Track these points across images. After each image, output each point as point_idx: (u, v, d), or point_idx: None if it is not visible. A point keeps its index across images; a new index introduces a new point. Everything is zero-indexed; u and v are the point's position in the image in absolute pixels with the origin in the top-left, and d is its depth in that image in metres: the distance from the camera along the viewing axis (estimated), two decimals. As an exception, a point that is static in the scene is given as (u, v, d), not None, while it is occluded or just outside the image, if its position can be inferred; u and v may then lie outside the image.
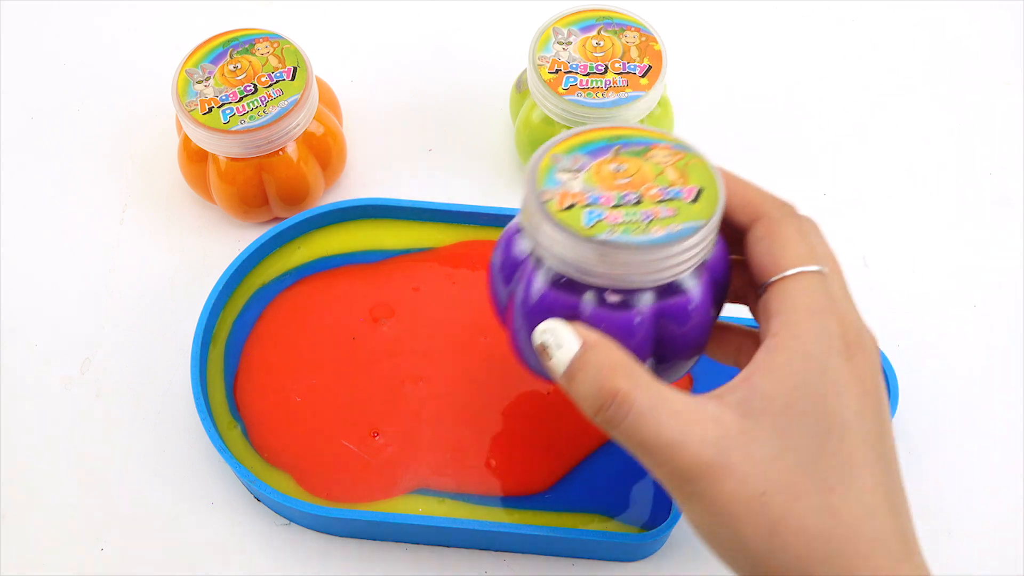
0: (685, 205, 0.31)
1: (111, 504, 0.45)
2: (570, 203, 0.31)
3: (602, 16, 0.51)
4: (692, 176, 0.32)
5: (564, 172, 0.32)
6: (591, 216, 0.31)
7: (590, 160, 0.32)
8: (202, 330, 0.45)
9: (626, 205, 0.31)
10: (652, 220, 0.30)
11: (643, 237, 0.30)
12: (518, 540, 0.42)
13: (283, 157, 0.49)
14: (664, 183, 0.31)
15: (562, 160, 0.32)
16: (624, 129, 0.33)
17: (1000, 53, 0.60)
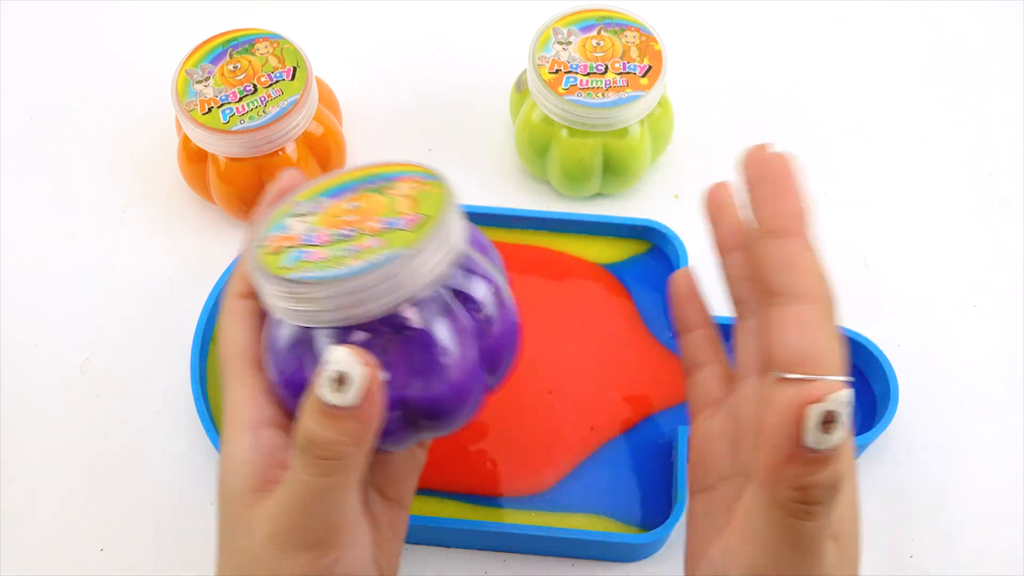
0: (400, 234, 0.28)
1: (111, 504, 0.45)
2: (281, 246, 0.30)
3: (602, 16, 0.51)
4: (423, 205, 0.29)
5: (294, 217, 0.31)
6: (294, 257, 0.29)
7: (327, 202, 0.31)
8: (202, 330, 0.45)
9: (339, 242, 0.29)
10: (358, 252, 0.28)
11: (328, 272, 0.28)
12: (518, 540, 0.42)
13: (283, 157, 0.49)
14: (391, 215, 0.29)
15: (301, 205, 0.31)
16: (373, 168, 0.32)
17: (1001, 53, 0.60)
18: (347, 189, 0.32)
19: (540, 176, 0.53)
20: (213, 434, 0.43)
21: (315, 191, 0.32)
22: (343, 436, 0.28)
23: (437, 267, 0.29)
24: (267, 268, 0.29)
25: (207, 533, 0.44)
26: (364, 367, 0.27)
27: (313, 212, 0.31)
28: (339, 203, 0.31)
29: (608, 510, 0.43)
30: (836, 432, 0.26)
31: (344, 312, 0.28)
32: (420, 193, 0.30)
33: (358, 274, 0.27)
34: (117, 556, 0.43)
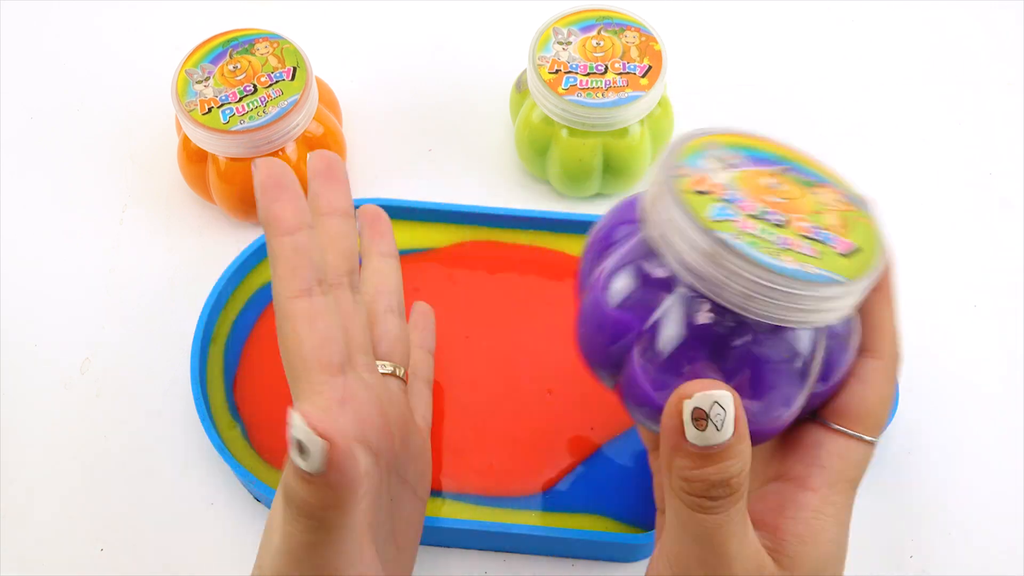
0: (832, 255, 0.26)
1: (111, 504, 0.45)
2: (704, 189, 0.26)
3: (602, 16, 0.51)
4: (854, 232, 0.27)
5: (714, 160, 0.27)
6: (720, 211, 0.26)
7: (748, 163, 0.28)
8: (202, 330, 0.45)
9: (766, 222, 0.26)
10: (788, 249, 0.26)
11: (768, 258, 0.25)
12: (518, 540, 0.42)
13: (283, 157, 0.49)
14: (819, 223, 0.27)
15: (717, 150, 0.28)
16: (800, 155, 0.29)
17: (1001, 53, 0.60)
18: (770, 161, 0.28)
19: (540, 176, 0.53)
20: (213, 434, 0.43)
21: (735, 142, 0.28)
22: (317, 500, 0.27)
23: (851, 309, 0.27)
24: (694, 211, 0.25)
25: (207, 533, 0.44)
26: (319, 440, 0.25)
27: (735, 166, 0.28)
28: (760, 173, 0.28)
29: (608, 510, 0.43)
30: (709, 430, 0.26)
31: (749, 303, 0.25)
32: (848, 214, 0.28)
33: (797, 278, 0.25)
34: (117, 556, 0.43)
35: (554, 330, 0.47)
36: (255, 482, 0.42)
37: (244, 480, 0.42)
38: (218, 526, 0.44)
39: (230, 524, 0.44)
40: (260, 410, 0.45)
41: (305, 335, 0.30)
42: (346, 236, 0.35)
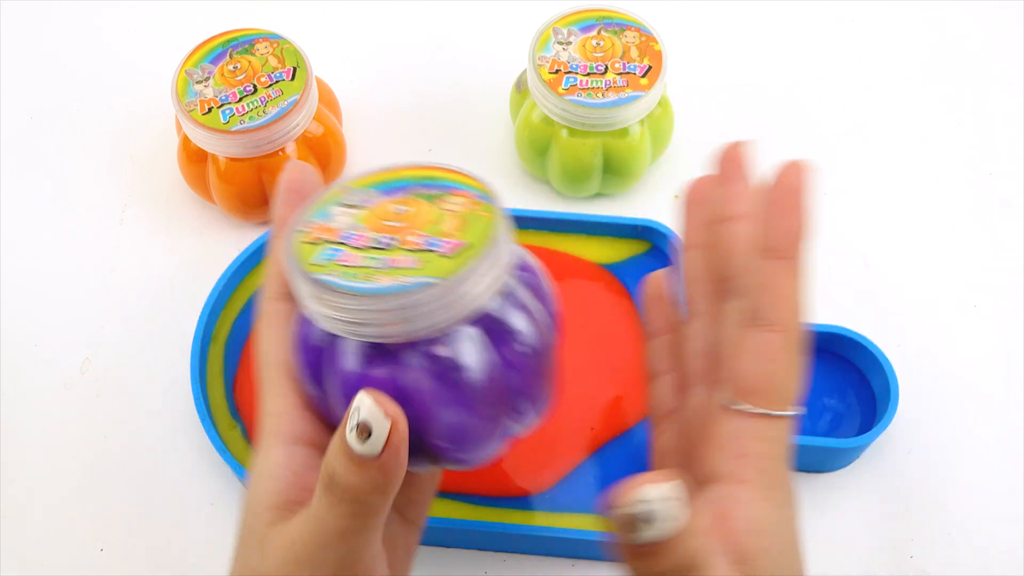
0: (436, 259, 0.27)
1: (111, 504, 0.45)
2: (320, 237, 0.29)
3: (602, 16, 0.51)
4: (469, 229, 0.28)
5: (342, 206, 0.30)
6: (327, 255, 0.28)
7: (377, 197, 0.30)
8: (202, 330, 0.45)
9: (374, 249, 0.28)
10: (389, 268, 0.27)
11: (355, 283, 0.27)
12: (518, 540, 0.42)
13: (283, 157, 0.49)
14: (433, 232, 0.28)
15: (352, 194, 0.30)
16: (433, 170, 0.31)
17: (1001, 53, 0.60)
18: (401, 188, 0.31)
19: (540, 176, 0.53)
20: (213, 434, 0.43)
21: (371, 181, 0.31)
22: (366, 484, 0.27)
23: (471, 301, 0.28)
24: (300, 261, 0.28)
25: (207, 533, 0.44)
26: (386, 420, 0.26)
27: (362, 206, 0.30)
28: (389, 202, 0.30)
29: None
30: (650, 529, 0.25)
31: (365, 329, 0.27)
32: (470, 214, 0.29)
33: (382, 294, 0.26)
34: (117, 556, 0.43)
35: (554, 330, 0.47)
36: (255, 482, 0.42)
37: (244, 480, 0.42)
38: (218, 526, 0.44)
39: (230, 524, 0.44)
40: (260, 410, 0.45)
41: (277, 338, 0.30)
42: None
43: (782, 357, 0.29)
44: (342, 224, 0.29)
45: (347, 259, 0.28)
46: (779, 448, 0.29)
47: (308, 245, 0.29)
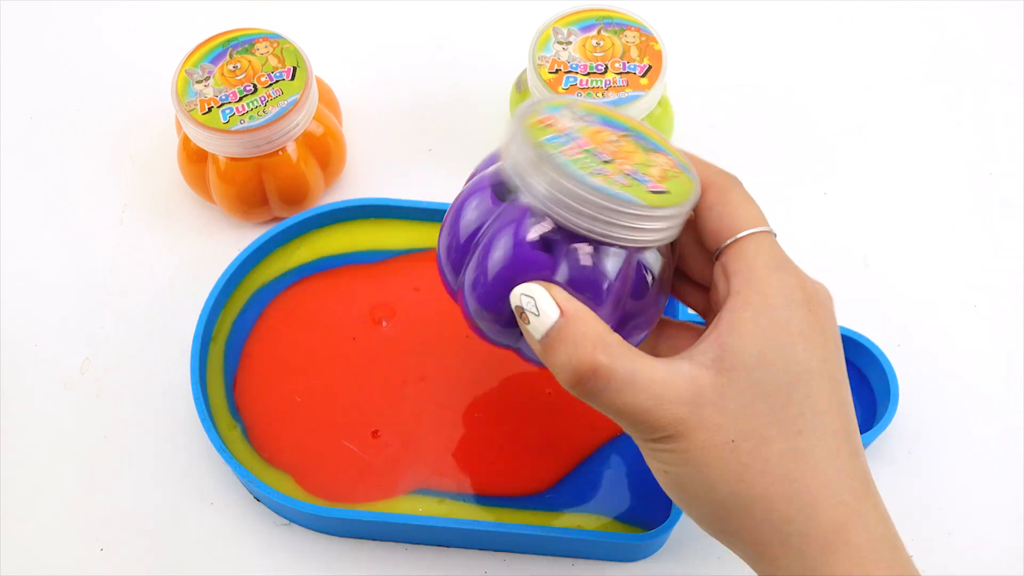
0: (640, 188, 0.31)
1: (111, 504, 0.45)
2: (549, 125, 0.32)
3: (602, 16, 0.51)
4: (670, 183, 0.32)
5: (568, 113, 0.33)
6: (555, 139, 0.31)
7: (599, 124, 0.33)
8: (202, 330, 0.45)
9: (593, 156, 0.31)
10: (603, 174, 0.30)
11: (580, 172, 0.30)
12: (518, 540, 0.42)
13: (283, 157, 0.49)
14: (641, 170, 0.32)
15: (576, 109, 0.34)
16: (651, 132, 0.34)
17: (1001, 53, 0.60)
18: (620, 128, 0.34)
19: (540, 176, 0.53)
20: (213, 434, 0.43)
21: (597, 110, 0.34)
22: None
23: (653, 235, 0.31)
24: (531, 133, 0.31)
25: (207, 533, 0.44)
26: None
27: (586, 123, 0.33)
28: (608, 131, 0.33)
29: (608, 510, 0.43)
30: (532, 320, 0.31)
31: (558, 210, 0.30)
32: (673, 174, 0.32)
33: (595, 190, 0.29)
34: (117, 556, 0.43)
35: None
36: (255, 482, 0.42)
37: (244, 480, 0.42)
38: (218, 526, 0.44)
39: (230, 524, 0.44)
40: (260, 410, 0.45)
41: None
42: None
43: (720, 198, 0.33)
44: (567, 125, 0.32)
45: (571, 150, 0.31)
46: (759, 259, 0.31)
47: (537, 126, 0.31)
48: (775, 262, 0.32)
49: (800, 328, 0.31)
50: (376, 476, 0.43)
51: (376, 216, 0.50)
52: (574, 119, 0.33)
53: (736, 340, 0.30)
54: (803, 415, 0.30)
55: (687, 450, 0.30)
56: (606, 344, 0.30)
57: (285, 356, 0.46)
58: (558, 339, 0.30)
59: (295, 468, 0.44)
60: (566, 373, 0.30)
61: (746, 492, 0.30)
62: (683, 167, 0.33)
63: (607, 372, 0.30)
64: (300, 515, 0.43)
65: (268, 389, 0.46)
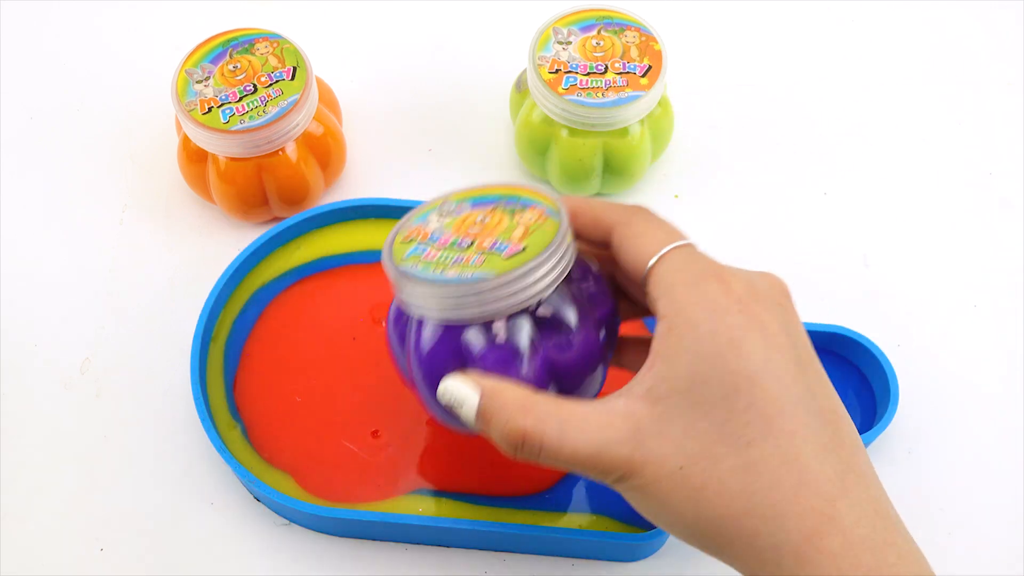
0: (496, 258, 0.32)
1: (111, 504, 0.45)
2: (412, 237, 0.35)
3: (602, 16, 0.51)
4: (531, 238, 0.33)
5: (439, 214, 0.36)
6: (413, 250, 0.34)
7: (467, 209, 0.35)
8: (202, 330, 0.45)
9: (453, 248, 0.33)
10: (459, 263, 0.33)
11: (430, 273, 0.32)
12: (518, 540, 0.42)
13: (283, 157, 0.49)
14: (503, 238, 0.33)
15: (448, 205, 0.36)
16: (520, 189, 0.35)
17: (1001, 53, 0.60)
18: (490, 202, 0.35)
19: (540, 176, 0.53)
20: (213, 434, 0.43)
21: (468, 195, 0.36)
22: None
23: (524, 293, 0.32)
24: (393, 253, 0.34)
25: (207, 533, 0.44)
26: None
27: (453, 215, 0.35)
28: (476, 213, 0.35)
29: (608, 510, 0.43)
30: (463, 409, 0.32)
31: (432, 311, 0.33)
32: (537, 226, 0.33)
33: (446, 283, 0.32)
34: (117, 556, 0.43)
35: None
36: (255, 482, 0.42)
37: (244, 480, 0.42)
38: (218, 526, 0.44)
39: (230, 524, 0.44)
40: (260, 410, 0.45)
41: None
42: None
43: (624, 234, 0.33)
44: (433, 228, 0.35)
45: (428, 254, 0.33)
46: (675, 276, 0.31)
47: (402, 243, 0.35)
48: (692, 275, 0.31)
49: (730, 336, 0.29)
50: (376, 476, 0.43)
51: (376, 216, 0.50)
52: (441, 217, 0.35)
53: (665, 367, 0.30)
54: (750, 424, 0.29)
55: (642, 486, 0.30)
56: (526, 408, 0.30)
57: (285, 356, 0.46)
58: (485, 418, 0.31)
59: (295, 468, 0.44)
60: (504, 445, 0.31)
61: (709, 513, 0.29)
62: (551, 213, 0.34)
63: (537, 433, 0.30)
64: (300, 515, 0.43)
65: (268, 389, 0.46)
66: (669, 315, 0.31)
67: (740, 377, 0.29)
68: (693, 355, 0.30)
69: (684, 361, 0.30)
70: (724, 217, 0.53)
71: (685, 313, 0.30)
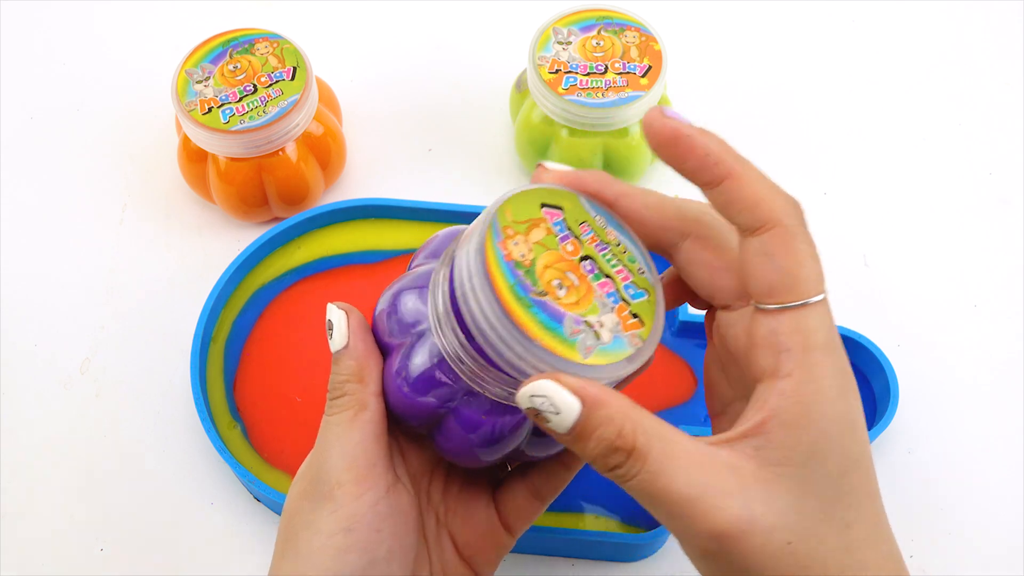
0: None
1: (111, 504, 0.45)
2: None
3: (602, 16, 0.51)
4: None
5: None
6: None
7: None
8: (202, 330, 0.45)
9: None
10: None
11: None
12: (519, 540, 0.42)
13: (283, 157, 0.49)
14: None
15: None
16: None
17: (1000, 53, 0.60)
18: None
19: (540, 176, 0.53)
20: (213, 434, 0.43)
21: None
22: (341, 372, 0.32)
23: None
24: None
25: (207, 533, 0.44)
26: (339, 311, 0.33)
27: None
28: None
29: (608, 510, 0.43)
30: (559, 418, 0.28)
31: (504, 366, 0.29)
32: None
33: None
34: (117, 556, 0.43)
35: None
36: (255, 482, 0.42)
37: (244, 480, 0.42)
38: (218, 526, 0.44)
39: (230, 524, 0.44)
40: (260, 410, 0.45)
41: None
42: None
43: (793, 247, 0.28)
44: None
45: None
46: (823, 334, 0.28)
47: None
48: (830, 341, 0.28)
49: (852, 417, 0.28)
50: (376, 476, 0.43)
51: (376, 216, 0.50)
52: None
53: (784, 433, 0.28)
54: (851, 507, 0.28)
55: (742, 553, 0.27)
56: (636, 422, 0.27)
57: (285, 356, 0.46)
58: (584, 430, 0.28)
59: (295, 468, 0.44)
60: (601, 459, 0.28)
61: None
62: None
63: (643, 451, 0.27)
64: (300, 515, 0.43)
65: (268, 389, 0.46)
66: (798, 376, 0.28)
67: (851, 460, 0.28)
68: (819, 432, 0.28)
69: (808, 435, 0.28)
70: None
71: (820, 383, 0.28)
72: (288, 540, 0.32)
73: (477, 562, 0.35)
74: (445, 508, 0.36)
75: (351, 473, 0.31)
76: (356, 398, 0.32)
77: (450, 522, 0.35)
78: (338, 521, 0.31)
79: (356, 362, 0.32)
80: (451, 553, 0.35)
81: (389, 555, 0.31)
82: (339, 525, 0.31)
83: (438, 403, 0.31)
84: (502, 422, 0.31)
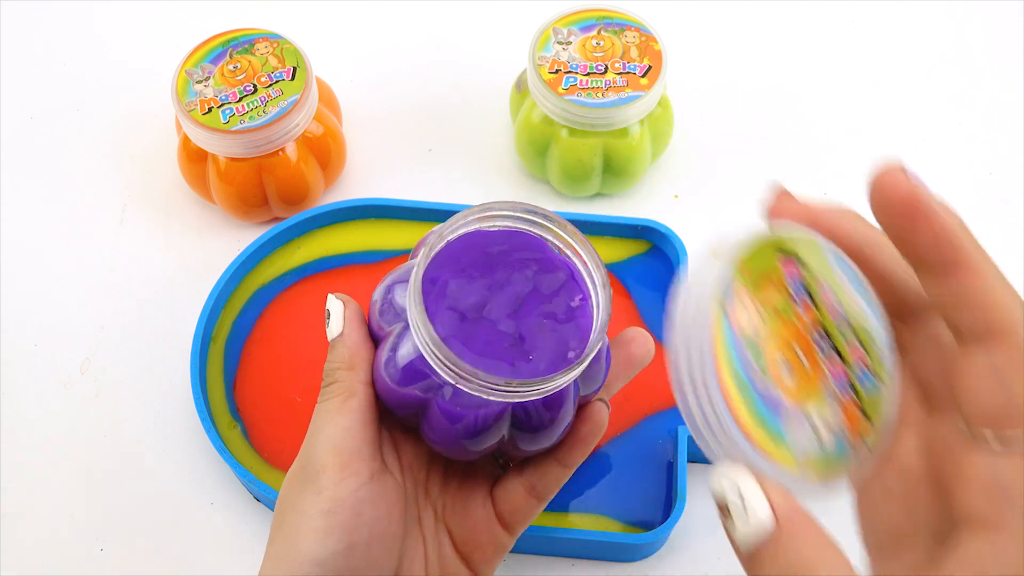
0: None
1: (111, 504, 0.45)
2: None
3: (602, 16, 0.51)
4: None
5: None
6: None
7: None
8: (202, 330, 0.45)
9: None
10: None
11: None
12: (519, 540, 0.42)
13: (283, 157, 0.49)
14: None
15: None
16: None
17: (1000, 53, 0.60)
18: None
19: (540, 176, 0.53)
20: (213, 434, 0.43)
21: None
22: (335, 360, 0.33)
23: None
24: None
25: (207, 533, 0.44)
26: (338, 301, 0.34)
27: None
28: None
29: (608, 510, 0.43)
30: (741, 523, 0.23)
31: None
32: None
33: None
34: (117, 556, 0.43)
35: (554, 330, 0.47)
36: (255, 482, 0.42)
37: (244, 480, 0.42)
38: (218, 526, 0.44)
39: (230, 524, 0.44)
40: (260, 410, 0.45)
41: None
42: None
43: (1022, 369, 0.24)
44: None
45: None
46: None
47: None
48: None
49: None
50: (376, 476, 0.43)
51: (376, 216, 0.50)
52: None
53: None
54: None
55: None
56: (829, 568, 0.23)
57: (285, 356, 0.46)
58: (769, 556, 0.24)
59: (295, 468, 0.44)
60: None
61: None
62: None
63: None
64: (300, 515, 0.43)
65: (268, 389, 0.46)
66: (1014, 530, 0.24)
67: None
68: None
69: None
70: (724, 217, 0.53)
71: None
72: (276, 523, 0.32)
73: (475, 560, 0.35)
74: (443, 503, 0.36)
75: (335, 458, 0.32)
76: (345, 385, 0.33)
77: (448, 518, 0.35)
78: (320, 503, 0.31)
79: (348, 350, 0.33)
80: (449, 549, 0.35)
81: (370, 539, 0.31)
82: (320, 507, 0.31)
83: (422, 393, 0.32)
84: (485, 412, 0.31)
